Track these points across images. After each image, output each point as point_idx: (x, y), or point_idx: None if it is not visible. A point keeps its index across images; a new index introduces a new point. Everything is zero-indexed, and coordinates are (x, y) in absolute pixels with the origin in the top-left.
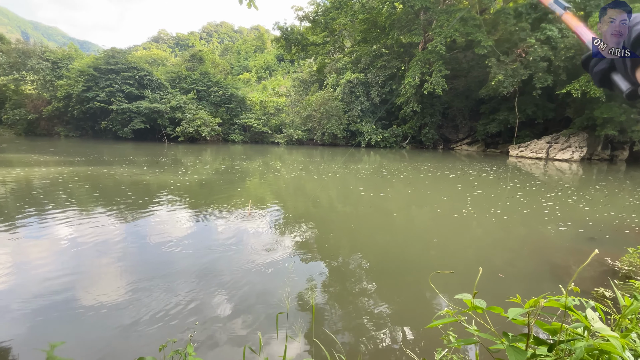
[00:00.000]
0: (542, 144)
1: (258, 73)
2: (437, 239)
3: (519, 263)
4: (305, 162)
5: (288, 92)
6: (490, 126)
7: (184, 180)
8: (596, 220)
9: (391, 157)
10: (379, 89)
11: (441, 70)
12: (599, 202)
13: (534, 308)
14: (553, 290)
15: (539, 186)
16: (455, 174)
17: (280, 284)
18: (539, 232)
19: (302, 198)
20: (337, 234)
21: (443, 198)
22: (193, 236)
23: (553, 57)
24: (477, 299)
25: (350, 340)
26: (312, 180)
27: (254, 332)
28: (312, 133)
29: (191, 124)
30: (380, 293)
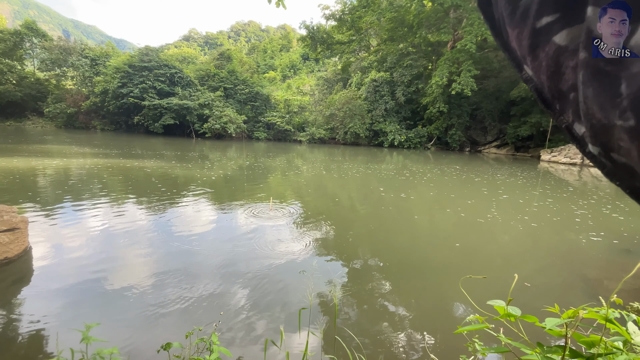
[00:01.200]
0: (576, 149)
1: (283, 72)
2: (459, 243)
3: (547, 272)
4: (326, 160)
5: (312, 90)
6: (521, 129)
7: (210, 175)
8: (631, 230)
9: (415, 158)
10: (405, 88)
11: (470, 70)
12: (636, 212)
13: (573, 319)
14: (583, 302)
15: (571, 193)
16: (482, 178)
17: (301, 281)
18: (569, 241)
19: (322, 196)
20: (356, 234)
21: (467, 202)
22: (217, 230)
23: None
24: (512, 307)
25: (371, 340)
26: (332, 179)
27: (276, 326)
28: (335, 132)
29: (218, 121)
30: (401, 295)
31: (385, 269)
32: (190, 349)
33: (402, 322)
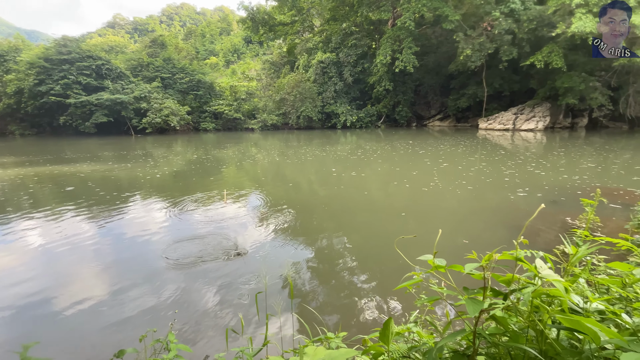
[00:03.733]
0: (509, 116)
1: (226, 57)
2: (404, 213)
3: (483, 228)
4: (282, 146)
5: (258, 75)
6: (461, 101)
7: (155, 173)
8: (551, 184)
9: (367, 137)
10: (351, 68)
11: (411, 47)
12: (555, 168)
13: (489, 262)
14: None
15: (502, 156)
16: (426, 150)
17: (258, 267)
18: (501, 198)
19: (281, 183)
20: (311, 215)
21: (413, 173)
22: (168, 228)
23: (517, 29)
24: (438, 259)
25: (331, 312)
26: (290, 165)
27: (235, 315)
28: (287, 117)
29: (158, 114)
30: (355, 266)
31: (338, 244)
32: (146, 352)
33: (357, 290)
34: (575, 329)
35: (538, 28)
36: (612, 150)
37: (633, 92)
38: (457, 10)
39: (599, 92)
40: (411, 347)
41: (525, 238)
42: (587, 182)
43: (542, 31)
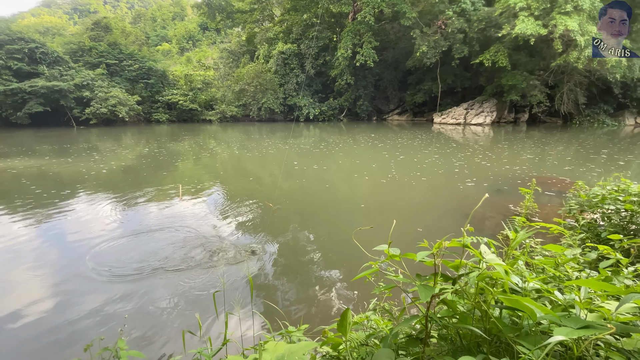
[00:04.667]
0: (460, 111)
1: (179, 43)
2: (364, 204)
3: (436, 217)
4: (243, 139)
5: (216, 64)
6: (417, 96)
7: (100, 169)
8: (496, 174)
9: (330, 130)
10: (313, 60)
11: (371, 41)
12: (499, 159)
13: (439, 250)
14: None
15: (453, 149)
16: (385, 143)
17: (214, 264)
18: (451, 189)
19: (242, 177)
20: (270, 210)
21: (372, 166)
22: (117, 228)
23: (468, 29)
24: (393, 248)
25: (294, 305)
26: (252, 159)
27: (192, 316)
28: (247, 108)
29: (104, 104)
30: (317, 259)
31: (300, 238)
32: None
33: (320, 282)
34: (515, 308)
35: (487, 28)
36: (548, 143)
37: (567, 90)
38: (414, 8)
39: (538, 89)
40: (369, 334)
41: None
42: (526, 172)
43: (490, 31)
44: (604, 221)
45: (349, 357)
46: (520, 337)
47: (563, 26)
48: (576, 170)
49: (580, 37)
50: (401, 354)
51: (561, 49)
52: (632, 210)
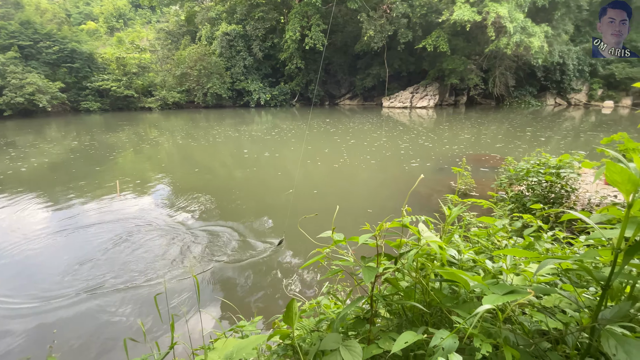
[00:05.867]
0: (406, 95)
1: (108, 22)
2: (316, 190)
3: (384, 197)
4: (189, 127)
5: (152, 46)
6: (366, 80)
7: (19, 167)
8: (437, 154)
9: (282, 116)
10: (260, 43)
11: (319, 24)
12: (441, 140)
13: (381, 231)
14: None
15: (400, 131)
16: (337, 128)
17: (154, 265)
18: (398, 169)
19: (191, 168)
20: (221, 200)
21: (324, 151)
22: (44, 232)
23: (411, 14)
24: (337, 233)
25: (247, 299)
26: (200, 148)
27: (134, 322)
28: (192, 94)
29: (19, 93)
30: (269, 249)
31: (251, 228)
32: None
33: (273, 272)
34: (451, 280)
35: (428, 14)
36: (483, 123)
37: (498, 74)
38: None
39: (474, 73)
40: (319, 320)
41: (422, 202)
42: (464, 150)
43: (431, 17)
44: (529, 192)
45: (298, 347)
46: (458, 306)
47: (495, 13)
48: (506, 147)
49: (509, 24)
50: (351, 335)
51: (494, 36)
52: (551, 181)
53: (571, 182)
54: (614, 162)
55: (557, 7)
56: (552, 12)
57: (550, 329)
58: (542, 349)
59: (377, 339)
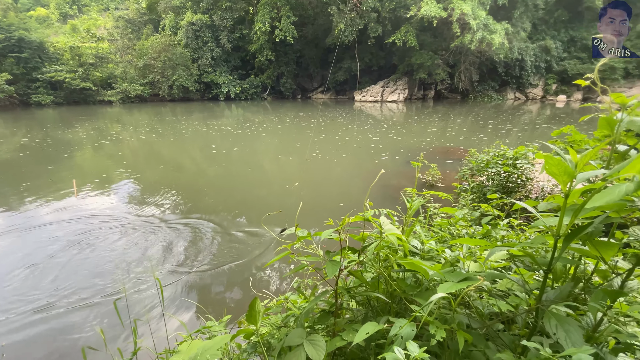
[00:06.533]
0: (377, 89)
1: (60, 9)
2: (287, 185)
3: (355, 191)
4: (154, 122)
5: (111, 35)
6: (338, 74)
7: None
8: (405, 147)
9: (254, 109)
10: (229, 34)
11: (289, 16)
12: (409, 133)
13: (344, 226)
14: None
15: (371, 125)
16: (308, 122)
17: (113, 267)
18: (368, 163)
19: (152, 165)
20: (187, 198)
21: (296, 145)
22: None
23: (380, 8)
24: (301, 230)
25: (215, 299)
26: (168, 143)
27: (92, 329)
28: (156, 87)
29: None
30: (237, 246)
31: (218, 226)
32: None
33: (241, 270)
34: (412, 269)
35: (397, 9)
36: (449, 117)
37: (463, 69)
38: None
39: (441, 68)
40: (286, 315)
41: (391, 195)
42: (431, 143)
43: (400, 12)
44: (489, 182)
45: (262, 345)
46: (419, 295)
47: (459, 10)
48: (470, 139)
49: (472, 21)
50: (318, 328)
51: (459, 32)
52: (508, 172)
53: (526, 172)
54: (552, 156)
55: (516, 5)
56: (511, 10)
57: (502, 311)
58: (496, 330)
59: (342, 332)
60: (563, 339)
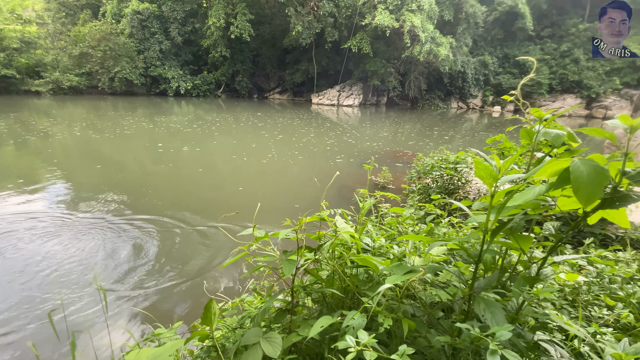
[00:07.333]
0: (334, 93)
1: None
2: (242, 187)
3: (311, 192)
4: (92, 117)
5: (40, 17)
6: (295, 76)
7: None
8: (360, 150)
9: (206, 107)
10: (180, 26)
11: (245, 13)
12: (363, 137)
13: (301, 225)
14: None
15: (327, 128)
16: (265, 122)
17: (47, 278)
18: (325, 165)
19: (89, 165)
20: (129, 202)
21: (252, 146)
22: None
23: (337, 14)
24: (258, 230)
25: (166, 305)
26: (108, 141)
27: (22, 344)
28: (95, 78)
29: None
30: (188, 251)
31: (166, 230)
32: None
33: (190, 277)
34: (364, 265)
35: (353, 16)
36: (400, 123)
37: (413, 78)
38: None
39: (393, 76)
40: (242, 317)
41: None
42: (382, 147)
43: (355, 19)
44: (433, 184)
45: (219, 347)
46: (370, 289)
47: (410, 22)
48: (417, 144)
49: (422, 33)
50: (274, 327)
51: (409, 43)
52: (450, 175)
53: (465, 175)
54: (480, 161)
55: (460, 22)
56: (455, 26)
57: (442, 300)
58: (437, 318)
59: (298, 328)
60: (489, 319)
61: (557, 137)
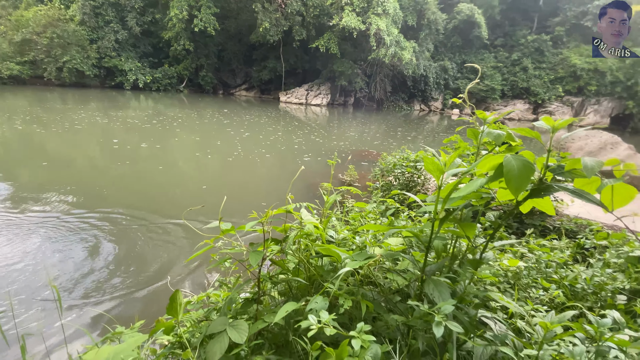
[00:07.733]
0: (302, 91)
1: None
2: (206, 185)
3: (278, 191)
4: (34, 110)
5: None
6: (263, 73)
7: None
8: (327, 149)
9: (167, 102)
10: (138, 16)
11: (210, 6)
12: (330, 136)
13: (267, 218)
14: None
15: (295, 127)
16: (231, 119)
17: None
18: (292, 163)
19: (32, 162)
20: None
21: (217, 143)
22: None
23: (305, 13)
24: (225, 223)
25: (127, 305)
26: (55, 136)
27: None
28: (40, 67)
29: None
30: (148, 250)
31: (124, 230)
32: None
33: (152, 274)
34: (327, 255)
35: (320, 16)
36: (366, 123)
37: (379, 80)
38: None
39: (359, 77)
40: (208, 310)
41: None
42: (349, 146)
43: (323, 19)
44: (395, 182)
45: (185, 339)
46: (334, 277)
47: (376, 25)
48: (382, 144)
49: (387, 37)
50: (241, 317)
51: (375, 46)
52: (411, 172)
53: (425, 173)
54: (428, 156)
55: (422, 27)
56: (418, 31)
57: (399, 285)
58: (394, 302)
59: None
60: (437, 297)
61: (498, 137)
